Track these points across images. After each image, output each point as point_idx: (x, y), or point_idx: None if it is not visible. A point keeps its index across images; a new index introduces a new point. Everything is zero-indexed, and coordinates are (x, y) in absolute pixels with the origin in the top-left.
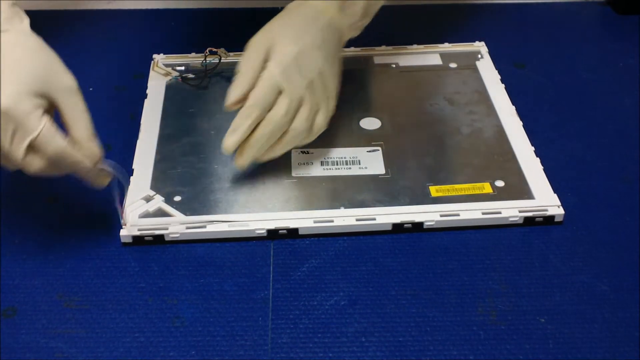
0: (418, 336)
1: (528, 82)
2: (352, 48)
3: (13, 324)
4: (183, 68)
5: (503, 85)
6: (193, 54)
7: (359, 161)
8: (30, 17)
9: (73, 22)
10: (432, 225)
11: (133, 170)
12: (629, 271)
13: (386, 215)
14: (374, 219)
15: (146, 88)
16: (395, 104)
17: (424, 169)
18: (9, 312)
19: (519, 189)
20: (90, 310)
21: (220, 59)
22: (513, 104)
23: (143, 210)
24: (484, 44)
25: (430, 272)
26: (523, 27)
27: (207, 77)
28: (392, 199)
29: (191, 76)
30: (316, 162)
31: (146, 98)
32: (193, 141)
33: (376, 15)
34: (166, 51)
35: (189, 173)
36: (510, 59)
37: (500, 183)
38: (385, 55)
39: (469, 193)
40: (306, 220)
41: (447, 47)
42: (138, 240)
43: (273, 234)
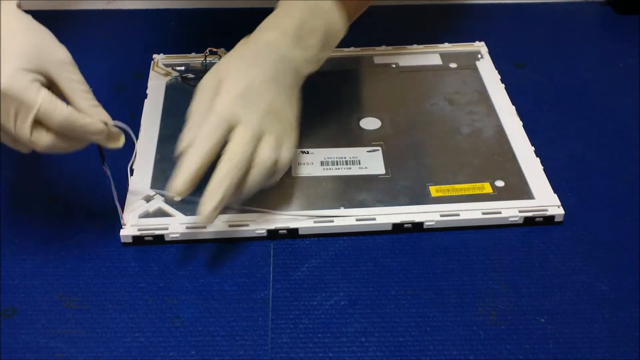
0: (418, 336)
1: (528, 82)
2: (352, 48)
3: (13, 324)
4: (183, 68)
5: (503, 85)
6: (193, 54)
7: (359, 161)
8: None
9: (73, 22)
10: (432, 225)
11: (133, 170)
12: (629, 271)
13: (386, 215)
14: (374, 219)
15: (146, 88)
16: (395, 104)
17: (424, 169)
18: (9, 312)
19: (519, 189)
20: (90, 310)
21: (220, 59)
22: (513, 104)
23: (143, 210)
24: (484, 44)
25: (430, 272)
26: (523, 27)
27: None
28: (392, 199)
29: (191, 76)
30: (316, 162)
31: (146, 98)
32: None
33: (377, 15)
34: (166, 51)
35: None
36: (510, 59)
37: (500, 183)
38: (385, 55)
39: (469, 193)
40: (306, 220)
41: (447, 47)
42: (138, 240)
43: (273, 234)
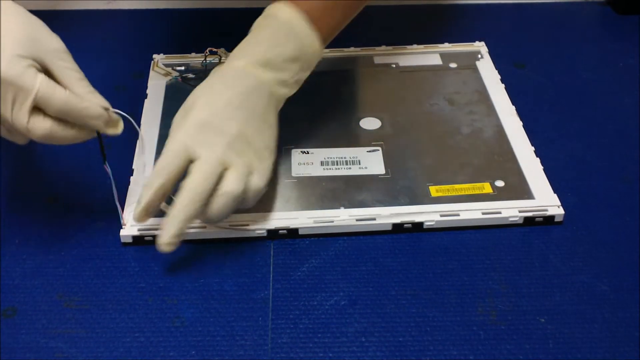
0: (418, 336)
1: (528, 82)
2: (352, 48)
3: (13, 324)
4: (183, 68)
5: (503, 85)
6: (193, 54)
7: (359, 161)
8: None
9: (73, 22)
10: (432, 225)
11: (133, 170)
12: (629, 271)
13: (386, 215)
14: (374, 219)
15: (146, 88)
16: (395, 104)
17: (424, 169)
18: (9, 312)
19: (519, 189)
20: (90, 310)
21: (220, 59)
22: (513, 104)
23: None
24: (484, 44)
25: (430, 272)
26: (523, 27)
27: None
28: (392, 199)
29: (191, 76)
30: (316, 162)
31: (146, 98)
32: None
33: (376, 15)
34: (166, 51)
35: None
36: (510, 59)
37: (500, 183)
38: (385, 55)
39: (469, 193)
40: (306, 220)
41: (447, 47)
42: (138, 240)
43: (273, 234)
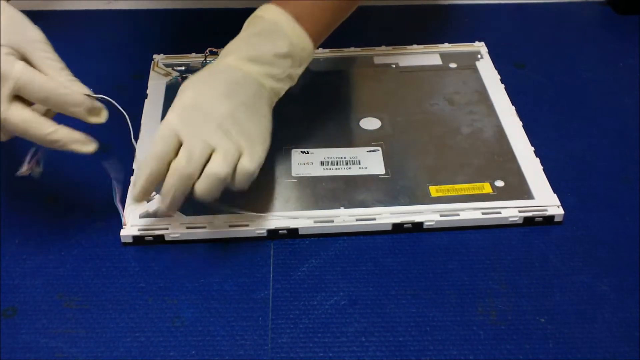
0: (418, 336)
1: (528, 82)
2: (352, 48)
3: (13, 324)
4: (183, 68)
5: (503, 85)
6: (193, 54)
7: (359, 161)
8: (30, 17)
9: (73, 23)
10: (432, 225)
11: (133, 170)
12: (629, 271)
13: (386, 215)
14: (374, 219)
15: (146, 88)
16: (395, 104)
17: (424, 169)
18: (9, 312)
19: (519, 189)
20: (90, 310)
21: None
22: (513, 104)
23: (143, 210)
24: (484, 44)
25: (430, 272)
26: (523, 27)
27: None
28: (392, 199)
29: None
30: (316, 162)
31: (146, 98)
32: None
33: (376, 15)
34: (166, 51)
35: None
36: (510, 59)
37: (500, 183)
38: (385, 55)
39: (469, 193)
40: (306, 220)
41: (447, 47)
42: (138, 240)
43: (273, 234)
